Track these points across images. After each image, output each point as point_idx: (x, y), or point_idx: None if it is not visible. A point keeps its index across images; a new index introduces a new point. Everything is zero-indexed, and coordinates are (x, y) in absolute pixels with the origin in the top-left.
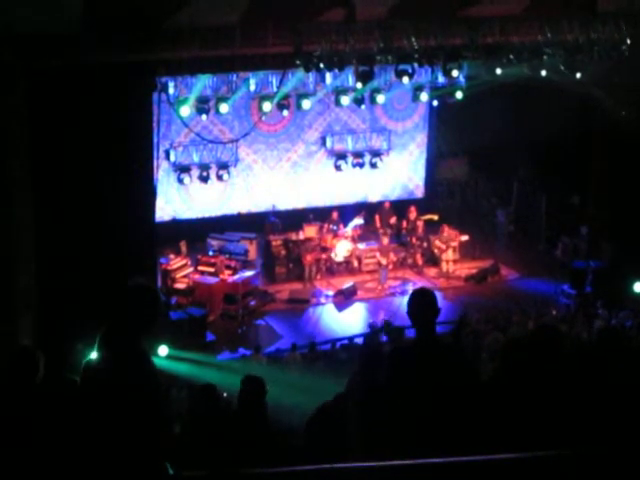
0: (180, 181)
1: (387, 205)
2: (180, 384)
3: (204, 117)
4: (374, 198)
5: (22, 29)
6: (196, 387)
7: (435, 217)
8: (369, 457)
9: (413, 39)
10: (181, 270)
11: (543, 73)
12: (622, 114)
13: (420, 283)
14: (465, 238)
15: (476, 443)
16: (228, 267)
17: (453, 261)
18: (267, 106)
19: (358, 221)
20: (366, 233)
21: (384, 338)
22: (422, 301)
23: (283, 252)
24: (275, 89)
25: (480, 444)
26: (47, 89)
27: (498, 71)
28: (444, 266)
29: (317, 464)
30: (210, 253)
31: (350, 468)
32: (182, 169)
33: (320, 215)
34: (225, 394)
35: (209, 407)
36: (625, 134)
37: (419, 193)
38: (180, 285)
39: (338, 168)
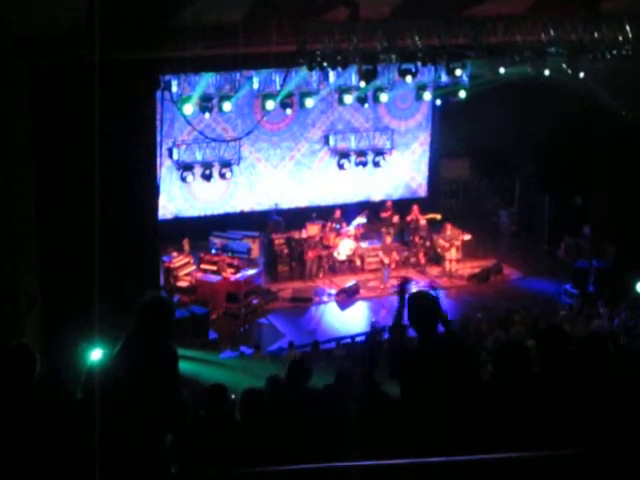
0: (183, 179)
1: (389, 204)
2: (182, 382)
3: (207, 115)
4: (377, 197)
5: (25, 27)
6: (206, 387)
7: (438, 216)
8: (370, 456)
9: (416, 38)
10: (184, 268)
11: (546, 73)
12: (622, 113)
13: (423, 282)
14: (468, 237)
15: (478, 442)
16: (231, 265)
17: (456, 260)
18: (270, 104)
19: (361, 220)
20: (369, 232)
21: (386, 336)
22: (421, 305)
23: (286, 250)
24: (278, 87)
25: (482, 443)
26: (50, 87)
27: (501, 70)
28: (447, 265)
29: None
30: (213, 251)
31: (350, 467)
32: (185, 167)
33: (323, 214)
34: (233, 396)
35: (219, 408)
36: (628, 134)
37: (422, 192)
38: (183, 283)
39: (341, 167)
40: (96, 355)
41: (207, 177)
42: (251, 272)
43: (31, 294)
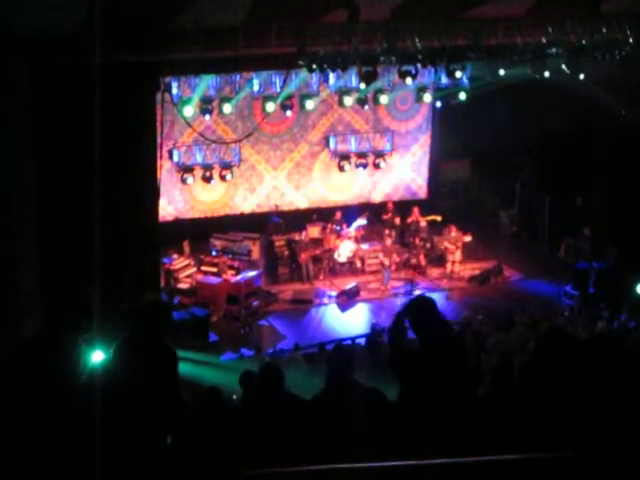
0: (183, 181)
1: (391, 206)
2: (183, 384)
3: (207, 117)
4: (377, 199)
5: (26, 28)
6: (200, 390)
7: (438, 218)
8: (371, 457)
9: (416, 40)
10: (184, 270)
11: (546, 74)
12: (622, 113)
13: (423, 284)
14: (468, 239)
15: (478, 444)
16: (231, 267)
17: (459, 262)
18: (270, 106)
19: (361, 221)
20: (369, 233)
21: (386, 339)
22: (422, 309)
23: (286, 252)
24: (278, 89)
25: (482, 446)
26: (50, 89)
27: (501, 72)
28: (449, 267)
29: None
30: (213, 253)
31: (351, 469)
32: (185, 169)
33: (323, 215)
34: (235, 396)
35: (212, 411)
36: (628, 135)
37: (422, 194)
38: (183, 285)
39: (341, 168)
40: (97, 357)
41: (207, 179)
42: (251, 274)
43: (31, 298)
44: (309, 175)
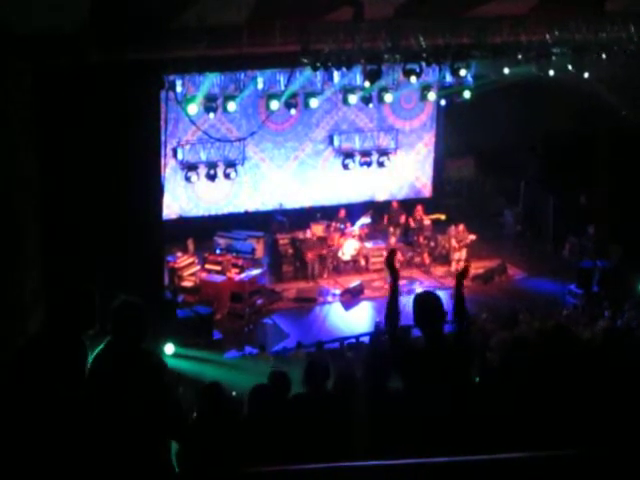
0: (187, 179)
1: (395, 204)
2: (186, 382)
3: (212, 115)
4: (381, 197)
5: (26, 29)
6: (201, 386)
7: (442, 216)
8: (372, 456)
9: (421, 38)
10: (188, 268)
11: (551, 73)
12: (623, 113)
13: (427, 282)
14: (472, 237)
15: (482, 443)
16: (235, 265)
17: (464, 260)
18: (275, 105)
19: (365, 220)
20: (373, 232)
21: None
22: (427, 305)
23: (290, 251)
24: (283, 88)
25: (486, 444)
26: (54, 88)
27: (506, 70)
28: (454, 265)
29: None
30: (217, 251)
31: (351, 467)
32: (189, 167)
33: (327, 214)
34: (234, 393)
35: (214, 406)
36: (632, 134)
37: (426, 192)
38: (187, 283)
39: (345, 167)
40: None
41: (211, 177)
42: (255, 272)
43: (35, 295)
44: (313, 173)
